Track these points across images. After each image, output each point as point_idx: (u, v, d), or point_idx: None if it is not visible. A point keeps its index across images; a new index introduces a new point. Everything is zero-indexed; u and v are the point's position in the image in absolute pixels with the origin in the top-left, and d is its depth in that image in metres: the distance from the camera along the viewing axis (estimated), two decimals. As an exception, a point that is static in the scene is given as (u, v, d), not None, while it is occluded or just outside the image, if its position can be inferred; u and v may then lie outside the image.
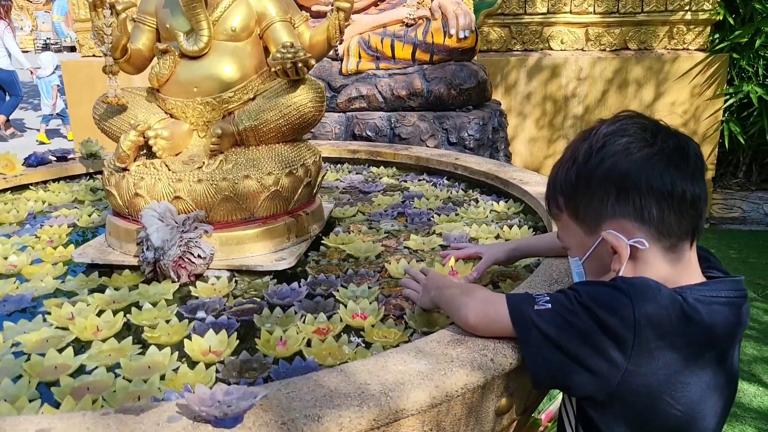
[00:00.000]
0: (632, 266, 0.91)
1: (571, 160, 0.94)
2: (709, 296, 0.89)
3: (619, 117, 0.94)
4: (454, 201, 1.98)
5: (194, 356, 1.06)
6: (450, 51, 2.97)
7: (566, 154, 0.97)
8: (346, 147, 2.55)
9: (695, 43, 4.81)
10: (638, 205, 0.89)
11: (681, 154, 0.88)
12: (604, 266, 0.94)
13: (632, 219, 0.89)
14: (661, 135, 0.89)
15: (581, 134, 0.96)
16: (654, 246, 0.90)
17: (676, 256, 0.91)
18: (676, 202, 0.88)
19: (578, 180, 0.93)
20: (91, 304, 1.23)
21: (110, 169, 1.48)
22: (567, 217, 0.97)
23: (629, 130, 0.90)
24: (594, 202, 0.92)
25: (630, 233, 0.90)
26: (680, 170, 0.87)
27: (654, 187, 0.87)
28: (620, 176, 0.89)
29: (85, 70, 5.13)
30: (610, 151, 0.89)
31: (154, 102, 1.57)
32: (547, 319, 0.89)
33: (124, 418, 0.79)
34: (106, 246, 1.51)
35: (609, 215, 0.91)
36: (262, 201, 1.45)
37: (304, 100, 1.50)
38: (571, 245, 0.99)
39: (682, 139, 0.90)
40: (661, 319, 0.85)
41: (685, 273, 0.92)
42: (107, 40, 1.42)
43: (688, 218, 0.89)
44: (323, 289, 1.32)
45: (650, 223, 0.89)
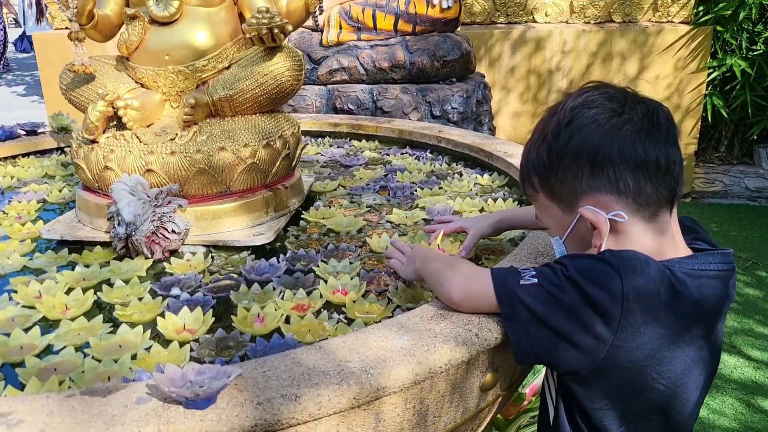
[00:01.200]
0: (614, 240, 0.89)
1: (541, 138, 0.92)
2: (698, 269, 0.86)
3: (585, 89, 0.91)
4: (437, 174, 1.94)
5: (168, 334, 1.02)
6: (433, 21, 2.90)
7: (536, 132, 0.95)
8: (327, 120, 2.49)
9: (679, 15, 4.78)
10: (613, 178, 0.86)
11: (651, 121, 0.86)
12: (586, 243, 0.92)
13: (608, 192, 0.87)
14: (628, 103, 0.86)
15: (549, 110, 0.94)
16: (633, 217, 0.87)
17: (657, 226, 0.88)
18: (651, 170, 0.85)
19: (550, 158, 0.90)
20: (59, 282, 1.18)
21: (78, 141, 1.41)
22: (543, 197, 0.95)
23: (596, 101, 0.87)
24: (568, 179, 0.89)
25: (608, 207, 0.87)
26: (651, 137, 0.85)
27: (627, 157, 0.85)
28: (592, 150, 0.86)
29: (57, 43, 4.97)
30: (578, 125, 0.87)
31: (124, 71, 1.50)
32: (533, 295, 0.86)
33: (90, 400, 0.75)
34: (77, 222, 1.45)
35: (585, 191, 0.88)
36: (238, 174, 1.40)
37: (282, 68, 1.44)
38: (551, 225, 0.97)
39: (651, 105, 0.88)
40: (650, 294, 0.82)
41: (669, 242, 0.89)
42: (72, 5, 1.34)
43: (665, 185, 0.87)
44: (303, 265, 1.28)
45: (627, 195, 0.86)
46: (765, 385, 2.60)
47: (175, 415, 0.71)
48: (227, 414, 0.72)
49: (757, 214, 4.67)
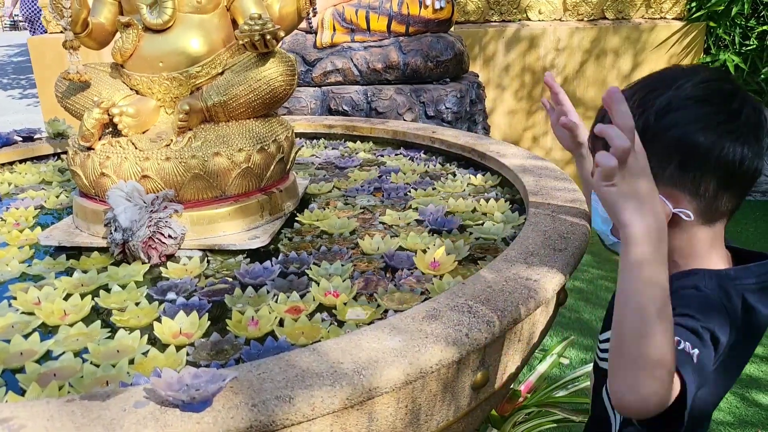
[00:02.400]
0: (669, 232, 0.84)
1: (640, 110, 0.85)
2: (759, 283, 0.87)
3: (707, 78, 0.86)
4: (431, 175, 1.96)
5: (164, 339, 1.04)
6: (426, 22, 2.92)
7: (636, 94, 0.87)
8: (322, 122, 2.51)
9: (672, 12, 4.80)
10: (698, 180, 0.84)
11: (758, 134, 0.84)
12: None
13: (686, 190, 0.85)
14: (745, 111, 0.84)
15: (659, 79, 0.87)
16: (698, 219, 0.87)
17: (714, 230, 0.88)
18: (736, 182, 0.85)
19: (644, 135, 0.79)
20: (58, 288, 1.20)
21: (75, 148, 1.43)
22: None
23: (713, 99, 0.84)
24: (652, 162, 0.76)
25: (678, 202, 0.86)
26: (753, 149, 0.84)
27: (721, 165, 0.83)
28: (690, 148, 0.83)
29: (53, 47, 4.98)
30: (687, 117, 0.83)
31: (119, 78, 1.52)
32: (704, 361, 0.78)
33: (90, 404, 0.77)
34: (74, 228, 1.47)
35: (664, 179, 0.85)
36: (233, 178, 1.42)
37: (275, 73, 1.46)
38: None
39: (763, 114, 0.86)
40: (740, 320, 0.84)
41: (716, 246, 0.89)
42: (66, 14, 1.36)
43: (740, 197, 0.86)
44: (296, 267, 1.30)
45: (702, 198, 0.85)
46: (760, 379, 2.62)
47: (172, 418, 0.73)
48: (223, 416, 0.74)
49: (753, 209, 4.70)
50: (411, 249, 1.39)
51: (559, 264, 1.12)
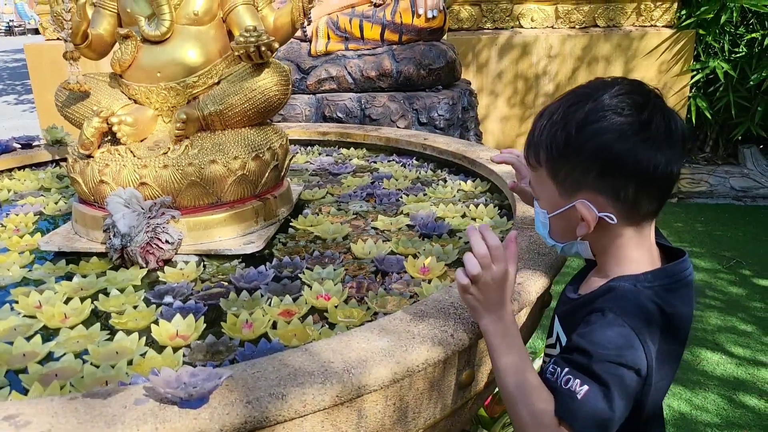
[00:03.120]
0: (597, 233, 0.95)
1: (563, 122, 0.93)
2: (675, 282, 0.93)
3: (621, 90, 0.91)
4: (422, 181, 2.01)
5: (161, 341, 1.08)
6: (419, 31, 2.97)
7: (558, 111, 0.95)
8: (316, 129, 2.56)
9: (662, 19, 4.88)
10: (617, 185, 0.90)
11: (669, 140, 0.90)
12: (570, 228, 0.97)
13: (608, 195, 0.91)
14: (655, 119, 0.89)
15: (578, 95, 0.94)
16: (622, 222, 0.93)
17: (640, 231, 0.94)
18: (654, 186, 0.90)
19: (566, 147, 0.92)
20: (58, 292, 1.24)
21: (74, 156, 1.47)
22: (545, 174, 0.97)
23: (626, 109, 0.89)
24: (576, 172, 0.92)
25: (602, 207, 0.92)
26: (665, 155, 0.89)
27: (637, 172, 0.89)
28: (609, 156, 0.89)
29: (49, 54, 5.02)
30: (604, 128, 0.89)
31: (118, 88, 1.56)
32: (594, 400, 0.85)
33: (92, 402, 0.81)
34: (73, 234, 1.51)
35: (587, 187, 0.92)
36: (229, 185, 1.46)
37: (269, 83, 1.50)
38: (542, 198, 1.00)
39: (673, 121, 0.91)
40: (653, 329, 0.89)
41: (646, 246, 0.96)
42: (67, 26, 1.40)
43: (660, 199, 0.92)
44: (289, 272, 1.34)
45: (623, 203, 0.91)
46: (746, 382, 2.67)
47: (170, 415, 0.77)
48: (219, 412, 0.78)
49: (742, 214, 4.76)
50: (402, 253, 1.43)
51: (543, 268, 1.17)
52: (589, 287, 0.98)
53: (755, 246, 4.10)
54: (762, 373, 2.71)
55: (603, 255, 0.98)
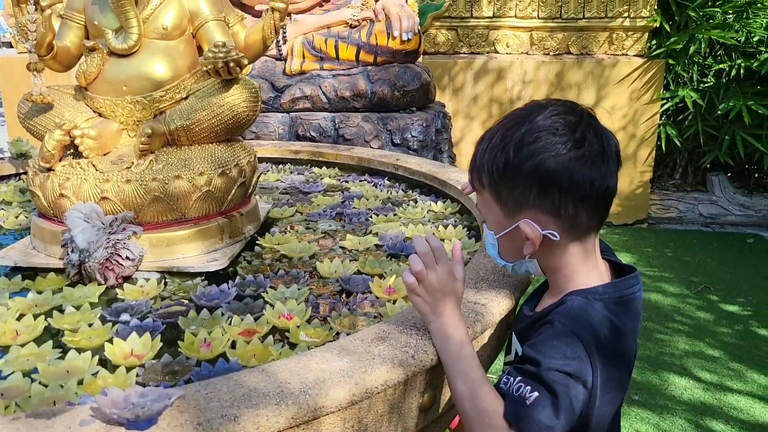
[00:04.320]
0: (543, 250, 0.97)
1: (501, 145, 0.96)
2: (624, 296, 0.96)
3: (555, 111, 0.95)
4: (393, 201, 2.00)
5: (115, 360, 1.05)
6: (393, 53, 2.99)
7: (496, 135, 0.98)
8: (289, 147, 2.54)
9: (634, 48, 4.99)
10: (557, 203, 0.94)
11: (603, 157, 0.93)
12: (517, 248, 0.99)
13: (549, 213, 0.94)
14: (588, 137, 0.93)
15: (515, 118, 0.97)
16: (566, 237, 0.96)
17: (584, 246, 0.98)
18: (591, 201, 0.94)
19: (506, 169, 0.95)
20: (11, 309, 1.20)
21: (35, 169, 1.43)
22: (489, 196, 1.00)
23: (560, 129, 0.93)
24: (516, 192, 0.95)
25: (545, 224, 0.95)
26: (600, 171, 0.93)
27: (574, 188, 0.92)
28: (546, 175, 0.92)
29: (21, 67, 4.94)
30: (539, 148, 0.92)
31: (82, 100, 1.53)
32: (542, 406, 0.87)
33: (35, 422, 0.77)
34: (31, 248, 1.47)
35: (529, 206, 0.95)
36: (193, 201, 1.44)
37: (238, 100, 1.49)
38: (489, 219, 1.03)
39: (606, 140, 0.94)
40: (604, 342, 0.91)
41: (592, 260, 0.99)
42: (31, 37, 1.38)
43: (599, 213, 0.96)
44: (252, 290, 1.31)
45: (565, 219, 0.94)
46: (713, 407, 2.68)
47: (116, 436, 0.74)
48: (167, 434, 0.75)
49: (710, 240, 4.85)
50: (368, 273, 1.41)
51: (508, 288, 1.16)
52: (543, 304, 1.00)
53: (723, 272, 4.17)
54: (728, 399, 2.74)
55: (552, 272, 1.02)
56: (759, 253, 4.56)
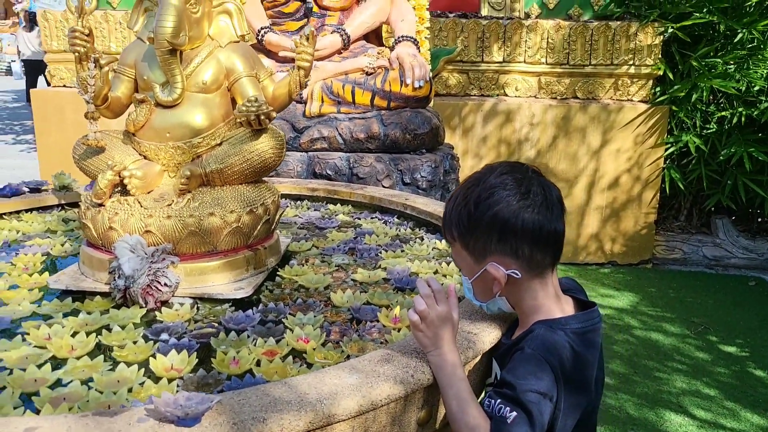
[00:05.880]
0: (509, 288, 1.17)
1: (464, 203, 1.17)
2: (585, 327, 1.15)
3: (503, 171, 1.16)
4: (401, 238, 2.18)
5: (158, 372, 1.22)
6: (406, 99, 3.21)
7: (459, 195, 1.19)
8: (306, 185, 2.74)
9: (638, 95, 5.19)
10: (514, 246, 1.13)
11: (547, 204, 1.13)
12: (488, 288, 1.19)
13: (509, 255, 1.14)
14: (533, 189, 1.13)
15: (473, 180, 1.19)
16: (527, 275, 1.15)
17: (544, 281, 1.17)
18: (542, 242, 1.13)
19: (469, 222, 1.16)
20: (66, 326, 1.38)
21: (87, 204, 1.63)
22: (459, 246, 1.20)
23: (509, 184, 1.14)
24: (480, 240, 1.16)
25: (508, 265, 1.14)
26: (545, 217, 1.13)
27: (526, 232, 1.12)
28: (501, 223, 1.12)
29: (54, 100, 5.23)
30: (493, 201, 1.13)
31: (130, 144, 1.74)
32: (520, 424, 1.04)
33: (101, 419, 0.95)
34: (80, 274, 1.66)
35: (492, 251, 1.15)
36: (224, 236, 1.62)
37: (266, 147, 1.69)
38: (462, 267, 1.23)
39: (548, 190, 1.15)
40: (568, 365, 1.09)
41: (552, 292, 1.18)
42: (90, 90, 1.59)
43: (551, 253, 1.15)
44: (274, 316, 1.49)
45: (523, 259, 1.14)
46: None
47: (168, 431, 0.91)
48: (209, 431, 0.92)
49: (713, 282, 4.95)
50: (377, 304, 1.59)
51: (497, 322, 1.33)
52: (516, 334, 1.18)
53: (724, 313, 4.28)
54: (720, 435, 2.84)
55: (519, 306, 1.20)
56: (760, 295, 4.66)
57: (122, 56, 1.77)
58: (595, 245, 5.29)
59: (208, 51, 1.73)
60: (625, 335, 3.90)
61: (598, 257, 5.30)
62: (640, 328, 4.01)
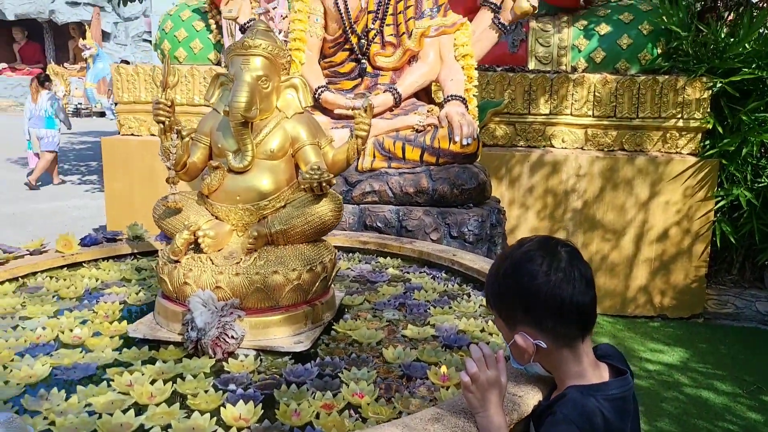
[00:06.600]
0: (540, 357, 1.25)
1: (495, 275, 1.28)
2: (616, 394, 1.21)
3: (532, 246, 1.25)
4: (449, 294, 2.27)
5: (228, 421, 1.35)
6: (454, 155, 3.35)
7: (493, 267, 1.31)
8: (358, 238, 2.88)
9: (687, 147, 5.19)
10: (538, 318, 1.22)
11: (569, 278, 1.21)
12: (522, 354, 1.28)
13: (534, 327, 1.23)
14: (555, 263, 1.21)
15: (502, 255, 1.30)
16: (553, 345, 1.23)
17: (573, 350, 1.24)
18: (565, 315, 1.21)
19: (499, 293, 1.27)
20: (145, 374, 1.53)
21: (164, 259, 1.80)
22: (497, 316, 1.32)
23: (536, 259, 1.22)
24: (510, 311, 1.26)
25: (534, 336, 1.23)
26: (567, 291, 1.20)
27: (548, 306, 1.20)
28: (525, 296, 1.22)
29: (122, 148, 5.59)
30: (519, 276, 1.22)
31: (203, 206, 1.91)
32: None
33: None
34: (155, 324, 1.82)
35: (519, 322, 1.25)
36: (286, 292, 1.76)
37: (326, 210, 1.84)
38: (502, 333, 1.34)
39: (574, 266, 1.22)
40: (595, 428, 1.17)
41: (583, 361, 1.24)
42: (172, 157, 1.78)
43: (576, 324, 1.22)
44: (330, 370, 1.61)
45: (547, 331, 1.22)
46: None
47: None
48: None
49: (767, 339, 4.82)
50: (426, 361, 1.68)
51: (540, 385, 1.41)
52: (553, 396, 1.26)
53: (735, 366, 4.15)
54: (773, 502, 2.77)
55: (553, 371, 1.29)
56: (816, 354, 4.52)
57: (199, 125, 1.97)
58: (644, 298, 5.24)
59: (275, 122, 1.91)
60: (675, 392, 3.84)
61: (648, 310, 5.24)
62: (690, 386, 3.94)
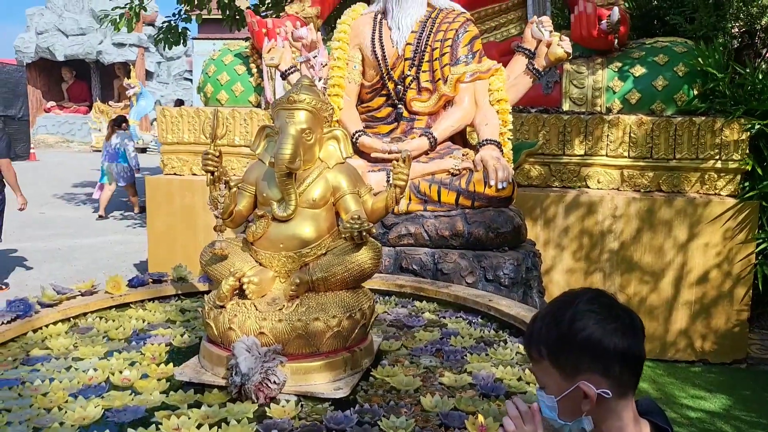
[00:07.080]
0: (596, 408, 1.24)
1: (554, 323, 1.28)
2: None
3: (592, 298, 1.28)
4: (485, 340, 2.29)
5: (272, 467, 1.39)
6: (489, 199, 3.38)
7: (548, 315, 1.31)
8: (394, 281, 2.92)
9: (726, 189, 5.12)
10: (606, 365, 1.23)
11: (634, 329, 1.24)
12: (576, 407, 1.26)
13: (600, 374, 1.23)
14: (620, 315, 1.25)
15: (561, 302, 1.30)
16: (614, 394, 1.24)
17: (626, 401, 1.26)
18: (630, 363, 1.23)
19: (562, 341, 1.26)
20: (191, 418, 1.59)
21: (210, 305, 1.88)
22: (547, 363, 1.29)
23: (601, 311, 1.25)
24: (573, 359, 1.25)
25: (598, 384, 1.23)
26: (633, 340, 1.23)
27: (617, 353, 1.22)
28: (594, 344, 1.23)
29: (165, 186, 5.79)
30: (586, 324, 1.24)
31: (248, 252, 1.99)
32: None
33: None
34: (200, 367, 1.88)
35: (584, 370, 1.24)
36: (326, 339, 1.81)
37: (365, 258, 1.89)
38: (548, 385, 1.31)
39: (634, 318, 1.26)
40: None
41: (631, 415, 1.26)
42: (220, 207, 1.87)
43: (636, 373, 1.25)
44: (369, 417, 1.64)
45: (613, 378, 1.23)
46: None
47: None
48: None
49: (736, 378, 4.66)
50: (464, 410, 1.70)
51: (579, 438, 1.41)
52: None
53: (744, 411, 4.00)
54: None
55: (602, 425, 1.28)
56: None
57: (245, 175, 2.06)
58: (685, 342, 5.11)
59: (318, 172, 1.98)
60: (718, 442, 3.73)
61: (688, 354, 5.11)
62: (733, 435, 3.82)
